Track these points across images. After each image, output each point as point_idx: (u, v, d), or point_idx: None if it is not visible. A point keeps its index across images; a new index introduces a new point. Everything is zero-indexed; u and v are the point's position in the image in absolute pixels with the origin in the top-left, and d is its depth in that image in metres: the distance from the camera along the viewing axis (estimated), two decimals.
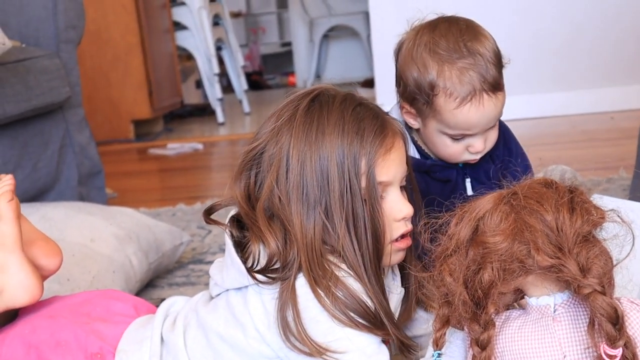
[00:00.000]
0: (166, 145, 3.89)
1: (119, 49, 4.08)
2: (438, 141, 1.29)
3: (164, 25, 4.46)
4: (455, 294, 0.85)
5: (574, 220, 0.82)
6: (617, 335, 0.78)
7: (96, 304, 1.17)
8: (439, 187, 1.34)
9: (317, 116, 1.02)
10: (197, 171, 3.42)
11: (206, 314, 1.07)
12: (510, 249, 0.82)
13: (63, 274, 1.50)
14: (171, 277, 1.85)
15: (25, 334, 1.10)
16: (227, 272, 1.05)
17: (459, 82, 1.21)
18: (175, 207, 2.51)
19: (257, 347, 1.02)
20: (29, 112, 1.91)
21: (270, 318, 1.00)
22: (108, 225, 1.67)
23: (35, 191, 1.99)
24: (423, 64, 1.23)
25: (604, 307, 0.79)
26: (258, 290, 1.02)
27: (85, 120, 2.24)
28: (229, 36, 4.93)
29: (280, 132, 1.03)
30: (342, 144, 1.01)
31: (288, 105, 1.06)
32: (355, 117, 1.03)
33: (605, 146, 2.97)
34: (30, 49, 2.02)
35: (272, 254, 1.00)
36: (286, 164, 1.01)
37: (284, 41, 7.21)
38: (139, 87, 4.12)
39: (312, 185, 1.00)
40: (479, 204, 0.87)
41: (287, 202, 1.01)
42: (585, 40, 3.56)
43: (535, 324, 0.85)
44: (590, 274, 0.80)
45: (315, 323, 0.99)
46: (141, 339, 1.09)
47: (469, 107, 1.21)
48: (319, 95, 1.05)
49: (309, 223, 1.00)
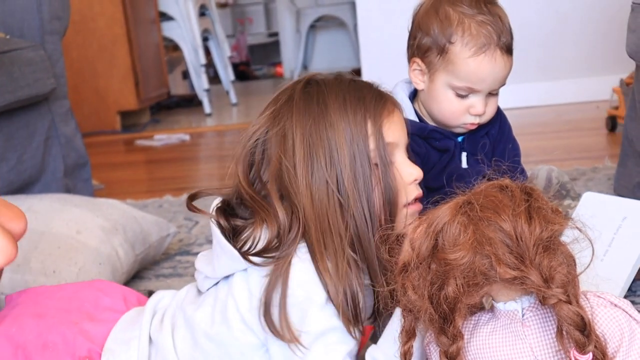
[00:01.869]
0: (153, 137, 3.88)
1: (105, 40, 4.06)
2: (443, 97, 1.34)
3: (150, 16, 4.44)
4: (421, 310, 0.84)
5: (532, 229, 0.81)
6: (585, 341, 0.78)
7: (84, 298, 1.15)
8: (437, 156, 1.38)
9: (316, 92, 1.03)
10: (184, 162, 3.41)
11: (193, 312, 1.06)
12: (472, 264, 0.81)
13: (49, 266, 1.50)
14: (158, 268, 1.85)
15: (13, 334, 1.07)
16: (217, 261, 1.04)
17: (477, 33, 1.27)
18: (162, 199, 2.50)
19: (242, 339, 1.01)
20: (13, 103, 1.90)
21: (253, 300, 1.00)
22: (94, 217, 1.67)
23: (20, 183, 1.98)
24: (445, 15, 1.30)
25: (570, 316, 0.79)
26: (244, 276, 1.01)
27: (71, 111, 2.23)
28: (216, 27, 4.91)
29: (281, 113, 1.03)
30: (345, 111, 1.01)
31: (283, 91, 1.06)
32: (354, 87, 1.04)
33: (590, 135, 2.98)
34: (15, 41, 2.01)
35: (277, 231, 0.99)
36: (292, 139, 1.01)
37: (271, 31, 7.19)
38: (125, 78, 4.11)
39: (319, 156, 1.00)
40: (436, 215, 0.85)
41: (295, 176, 1.00)
42: (570, 30, 3.58)
43: (505, 330, 0.85)
44: (554, 284, 0.79)
45: (299, 305, 0.98)
46: (129, 338, 1.07)
47: (483, 57, 1.27)
48: (312, 77, 1.07)
49: (319, 194, 0.99)
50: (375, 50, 3.55)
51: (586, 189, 2.04)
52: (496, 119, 1.43)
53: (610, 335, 0.83)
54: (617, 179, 1.96)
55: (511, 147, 1.46)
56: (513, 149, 1.46)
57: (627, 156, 1.89)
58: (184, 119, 4.57)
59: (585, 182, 2.20)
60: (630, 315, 0.85)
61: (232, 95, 4.97)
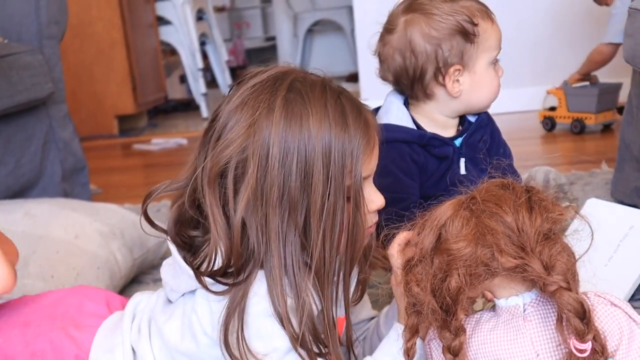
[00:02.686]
0: (150, 141, 3.88)
1: (103, 44, 4.06)
2: (489, 77, 1.40)
3: (148, 20, 4.44)
4: (424, 304, 0.85)
5: (533, 220, 0.83)
6: (585, 329, 0.79)
7: (68, 303, 1.12)
8: (435, 164, 1.41)
9: (300, 112, 0.94)
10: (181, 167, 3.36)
11: (163, 323, 1.03)
12: (474, 254, 0.83)
13: (47, 271, 1.50)
14: (156, 272, 1.84)
15: (0, 345, 1.05)
16: (178, 278, 1.01)
17: (480, 7, 1.39)
18: (160, 203, 2.50)
19: (211, 352, 0.98)
20: (11, 108, 1.90)
21: (214, 317, 0.96)
22: (92, 222, 1.67)
23: (18, 187, 1.98)
24: (467, 9, 1.37)
25: (570, 303, 0.80)
26: (206, 293, 0.97)
27: (69, 115, 2.23)
28: (213, 31, 4.92)
29: (259, 129, 0.93)
30: (329, 141, 0.93)
31: (260, 94, 0.95)
32: (341, 112, 0.95)
33: (587, 140, 2.99)
34: (13, 45, 2.01)
35: (234, 256, 0.94)
36: (266, 164, 0.93)
37: (268, 35, 7.19)
38: (123, 82, 4.11)
39: (294, 184, 0.92)
40: (439, 212, 0.87)
41: (266, 203, 0.93)
42: (567, 35, 3.59)
43: (506, 325, 0.86)
44: (555, 271, 0.81)
45: (258, 333, 0.94)
46: (112, 346, 1.05)
47: (494, 20, 1.40)
48: (293, 83, 0.96)
49: (288, 230, 0.93)
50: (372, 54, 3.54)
51: (584, 194, 2.04)
52: (487, 123, 1.47)
53: (610, 333, 0.83)
54: (615, 184, 1.96)
55: (502, 151, 1.49)
56: (504, 153, 1.49)
57: (625, 161, 1.90)
58: (181, 123, 4.57)
59: (583, 187, 2.20)
60: (629, 315, 0.85)
61: None
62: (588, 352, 0.80)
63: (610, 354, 0.82)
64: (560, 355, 0.83)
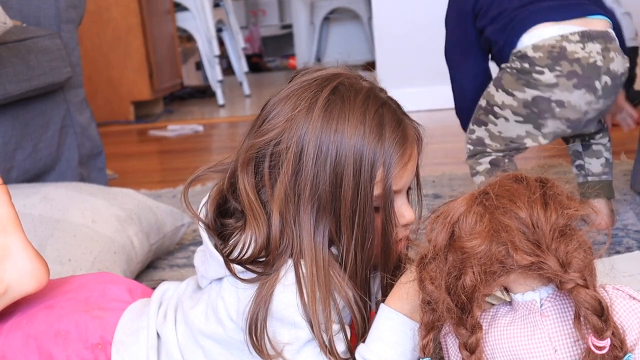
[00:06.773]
0: (166, 127, 3.88)
1: (120, 30, 4.07)
2: None
3: (165, 6, 4.44)
4: (439, 301, 0.84)
5: (548, 215, 0.81)
6: (603, 326, 0.78)
7: (92, 288, 1.13)
8: None
9: (337, 115, 0.96)
10: (197, 153, 3.41)
11: (189, 309, 1.04)
12: (488, 251, 0.81)
13: (64, 255, 1.51)
14: (172, 258, 1.85)
15: (23, 325, 1.06)
16: (208, 265, 1.02)
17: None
18: (176, 189, 2.51)
19: (237, 337, 0.99)
20: (30, 92, 1.91)
21: (240, 306, 0.97)
22: (109, 206, 1.67)
23: (36, 171, 1.99)
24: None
25: (587, 301, 0.78)
26: (234, 281, 0.98)
27: (86, 100, 2.23)
28: (230, 18, 4.91)
29: (296, 124, 0.96)
30: (361, 148, 0.95)
31: (305, 91, 0.98)
32: (378, 122, 0.97)
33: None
34: (31, 29, 2.01)
35: (266, 243, 0.96)
36: (299, 161, 0.95)
37: (285, 23, 7.18)
38: (139, 69, 4.11)
39: (324, 186, 0.95)
40: (451, 207, 0.85)
41: (298, 200, 0.96)
42: None
43: (523, 321, 0.85)
44: (571, 268, 0.79)
45: (282, 322, 0.96)
46: (137, 329, 1.06)
47: None
48: (338, 86, 0.98)
49: (317, 226, 0.96)
50: (389, 43, 3.53)
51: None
52: None
53: (629, 327, 0.82)
54: (634, 175, 1.95)
55: None
56: None
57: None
58: (197, 110, 4.57)
59: None
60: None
61: (245, 86, 4.96)
62: (607, 349, 0.78)
63: (629, 349, 0.81)
64: (578, 350, 0.82)
